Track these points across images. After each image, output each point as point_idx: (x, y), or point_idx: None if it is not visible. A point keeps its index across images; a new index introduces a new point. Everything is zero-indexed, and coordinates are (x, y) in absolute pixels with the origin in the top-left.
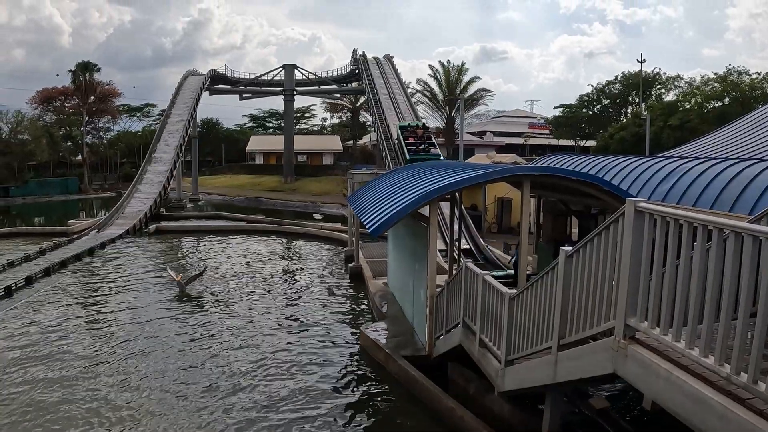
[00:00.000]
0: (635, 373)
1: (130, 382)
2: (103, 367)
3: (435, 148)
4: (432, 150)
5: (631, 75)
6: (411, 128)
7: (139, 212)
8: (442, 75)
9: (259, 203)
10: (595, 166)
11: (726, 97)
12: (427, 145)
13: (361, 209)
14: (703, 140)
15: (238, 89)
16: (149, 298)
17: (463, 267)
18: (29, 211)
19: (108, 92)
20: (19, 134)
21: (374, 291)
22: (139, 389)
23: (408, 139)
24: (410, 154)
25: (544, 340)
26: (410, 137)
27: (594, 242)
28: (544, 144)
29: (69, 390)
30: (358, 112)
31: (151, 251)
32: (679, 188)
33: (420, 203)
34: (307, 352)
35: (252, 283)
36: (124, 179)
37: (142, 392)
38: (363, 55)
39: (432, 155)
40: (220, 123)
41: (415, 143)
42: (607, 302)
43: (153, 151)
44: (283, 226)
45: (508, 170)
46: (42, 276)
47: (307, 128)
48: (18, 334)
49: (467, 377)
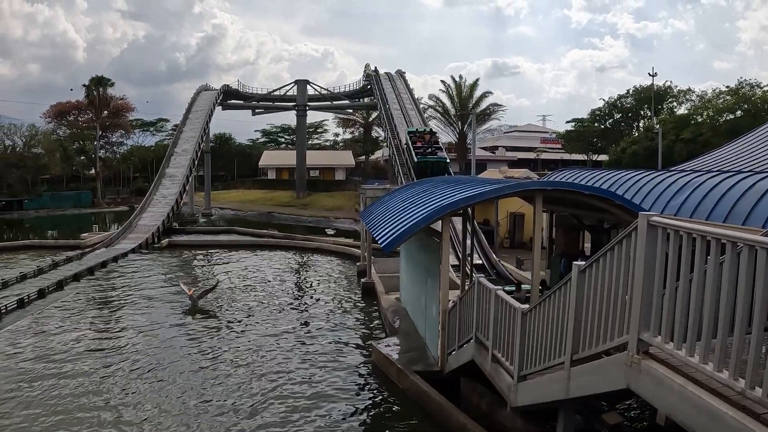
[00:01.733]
0: (649, 388)
1: (139, 397)
2: (113, 380)
3: (441, 152)
4: (438, 153)
5: (642, 89)
6: (419, 133)
7: (151, 226)
8: (454, 90)
9: (272, 218)
10: (608, 180)
11: (738, 110)
12: (434, 149)
13: (374, 224)
14: (715, 153)
15: (251, 104)
16: (161, 311)
17: (475, 282)
18: (42, 224)
19: (121, 107)
20: (33, 148)
21: (386, 306)
22: (149, 404)
23: (416, 144)
24: (418, 157)
25: (557, 356)
26: (418, 141)
27: (607, 257)
28: (556, 158)
29: (78, 401)
30: (371, 127)
31: (164, 265)
32: (692, 202)
33: (432, 218)
34: (319, 366)
35: (264, 298)
36: (137, 193)
37: (151, 407)
38: (375, 70)
39: (438, 158)
40: (233, 138)
41: (422, 147)
42: (620, 317)
43: (166, 165)
44: (296, 241)
45: (521, 185)
46: (54, 289)
47: (319, 143)
48: (28, 346)
49: (480, 392)
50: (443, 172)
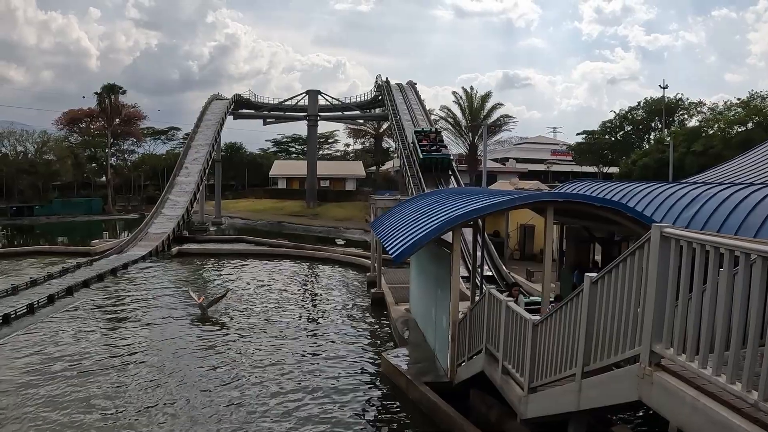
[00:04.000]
0: (661, 400)
1: (148, 404)
2: (122, 389)
3: (445, 149)
4: (442, 150)
5: (653, 101)
6: (425, 132)
7: (161, 234)
8: (465, 101)
9: (282, 227)
10: (619, 192)
11: (749, 122)
12: (438, 146)
13: (384, 235)
14: (727, 166)
15: (262, 114)
16: (170, 319)
17: (486, 293)
18: (53, 230)
19: (133, 115)
20: (44, 154)
21: (396, 317)
22: (159, 412)
23: (422, 142)
24: (423, 154)
25: (567, 367)
26: (424, 140)
27: (619, 268)
28: (567, 170)
29: (87, 409)
30: (381, 137)
31: (173, 273)
32: (704, 214)
33: (443, 230)
34: (329, 377)
35: (273, 307)
36: (148, 201)
37: (161, 415)
38: (386, 81)
39: (442, 155)
40: (244, 147)
41: (427, 144)
42: (632, 329)
43: (177, 173)
44: (306, 250)
45: (532, 197)
46: (64, 295)
47: (330, 153)
48: (36, 352)
49: (489, 404)
50: (447, 168)
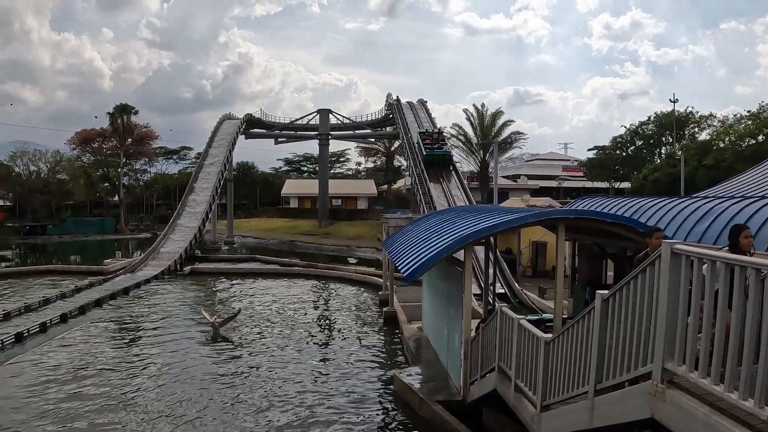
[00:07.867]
0: (673, 417)
1: (160, 425)
2: (133, 409)
3: (446, 146)
4: (444, 147)
5: (664, 115)
6: (428, 133)
7: (174, 253)
8: (476, 119)
9: (294, 246)
10: (630, 207)
11: (760, 135)
12: (440, 144)
13: (396, 254)
14: (738, 179)
15: (274, 133)
16: (183, 338)
17: (498, 311)
18: (66, 250)
19: (145, 135)
20: (57, 174)
21: (408, 335)
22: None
23: (425, 141)
24: (426, 151)
25: (580, 385)
26: (427, 139)
27: (630, 285)
28: (579, 186)
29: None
30: (393, 156)
31: (186, 292)
32: (716, 229)
33: (455, 248)
34: (341, 395)
35: (285, 326)
36: (160, 221)
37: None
38: (397, 99)
39: (443, 152)
40: (256, 166)
41: (430, 143)
42: (644, 346)
43: (189, 193)
44: (318, 269)
45: (543, 214)
46: (77, 314)
47: (341, 172)
48: (49, 371)
49: (502, 423)
50: (448, 163)
